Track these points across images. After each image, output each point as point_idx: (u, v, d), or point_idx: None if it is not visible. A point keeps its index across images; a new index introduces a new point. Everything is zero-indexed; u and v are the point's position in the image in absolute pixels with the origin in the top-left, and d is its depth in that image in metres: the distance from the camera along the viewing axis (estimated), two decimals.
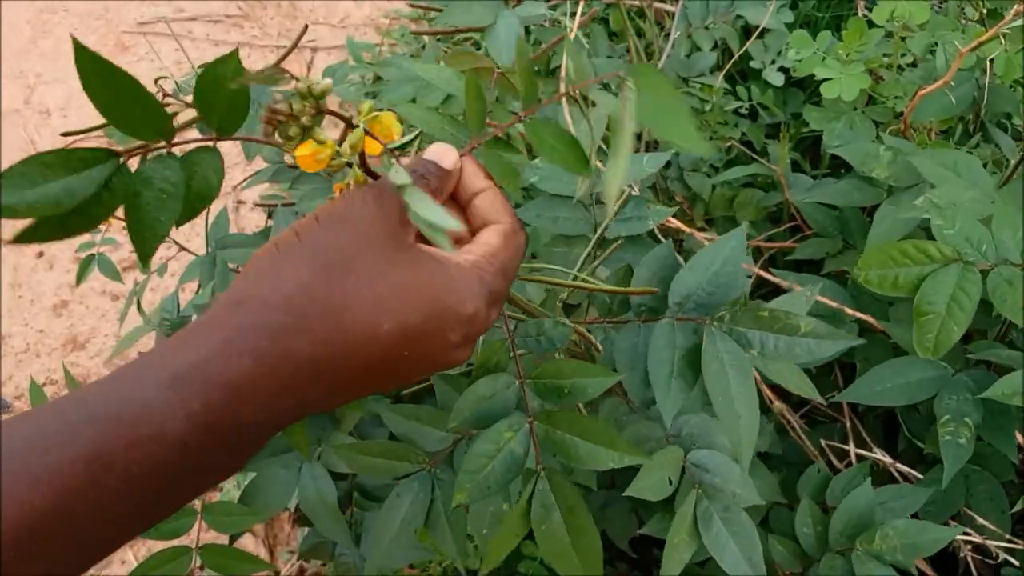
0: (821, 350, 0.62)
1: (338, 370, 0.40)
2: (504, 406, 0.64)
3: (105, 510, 0.35)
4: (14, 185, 0.38)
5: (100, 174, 0.40)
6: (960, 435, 0.81)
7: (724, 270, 0.66)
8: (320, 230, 0.42)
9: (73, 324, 1.90)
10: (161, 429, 0.36)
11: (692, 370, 0.64)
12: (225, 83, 0.40)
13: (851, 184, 1.06)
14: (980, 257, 0.75)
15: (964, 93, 1.03)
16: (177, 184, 0.42)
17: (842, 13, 1.68)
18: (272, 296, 0.39)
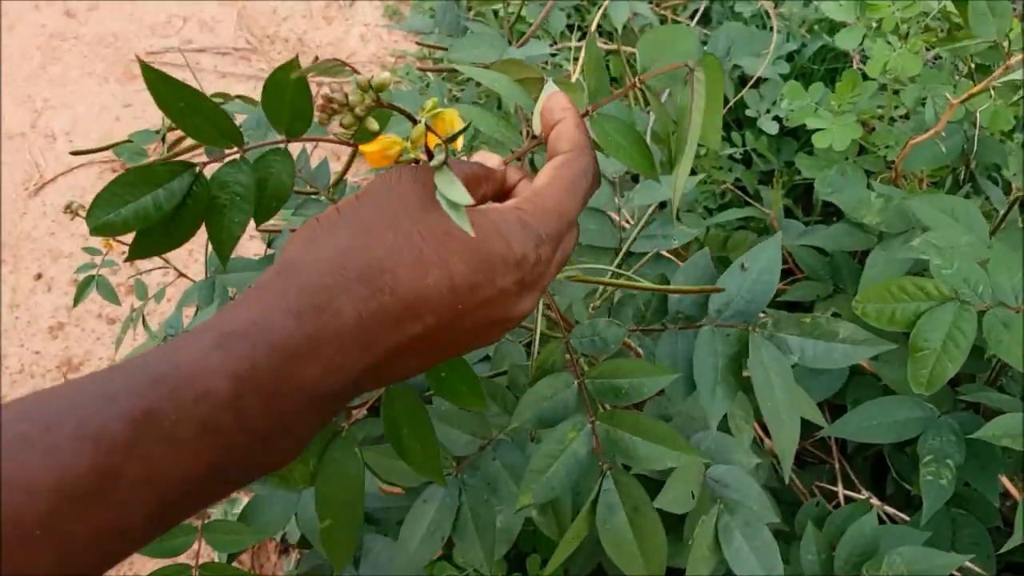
0: (857, 354, 0.65)
1: (389, 331, 0.39)
2: (564, 406, 0.65)
3: (152, 477, 0.33)
4: (107, 204, 0.41)
5: (181, 185, 0.43)
6: (942, 476, 0.82)
7: (762, 278, 0.69)
8: (358, 203, 0.42)
9: (69, 346, 1.90)
10: (207, 390, 0.34)
11: (734, 376, 0.66)
12: (288, 86, 0.43)
13: (842, 230, 1.08)
14: (977, 298, 0.77)
15: (954, 144, 1.06)
16: (248, 186, 0.45)
17: (837, 66, 1.72)
18: (313, 262, 0.39)
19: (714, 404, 0.65)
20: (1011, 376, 0.95)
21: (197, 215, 0.44)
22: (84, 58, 2.47)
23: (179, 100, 0.42)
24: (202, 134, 0.43)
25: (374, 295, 0.39)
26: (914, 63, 1.04)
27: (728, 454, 0.77)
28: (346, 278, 0.39)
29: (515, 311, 0.44)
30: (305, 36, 2.50)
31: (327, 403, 0.39)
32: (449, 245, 0.40)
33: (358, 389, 0.40)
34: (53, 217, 2.12)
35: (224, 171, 0.44)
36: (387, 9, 2.52)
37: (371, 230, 0.40)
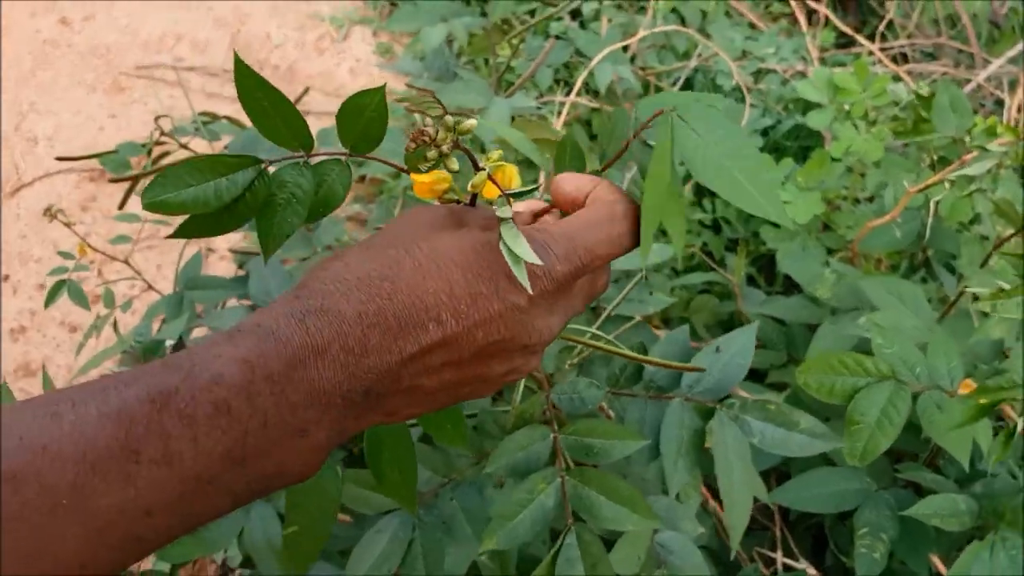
0: (813, 447, 0.68)
1: (392, 335, 0.40)
2: (538, 457, 0.67)
3: (170, 456, 0.34)
4: (168, 184, 0.42)
5: (245, 178, 0.45)
6: (875, 549, 0.84)
7: (734, 360, 0.72)
8: (371, 235, 0.44)
9: (28, 351, 1.89)
10: (220, 374, 0.36)
11: (696, 450, 0.69)
12: (367, 111, 0.45)
13: (799, 302, 1.12)
14: (914, 379, 0.80)
15: (910, 230, 1.10)
16: (308, 191, 0.47)
17: (810, 144, 1.78)
18: (319, 277, 0.41)
19: (675, 474, 0.69)
20: (948, 458, 0.98)
21: (252, 209, 0.46)
22: (75, 67, 2.48)
23: (264, 99, 0.44)
24: (276, 134, 0.45)
25: (373, 299, 0.40)
26: (877, 148, 1.08)
27: (676, 520, 0.80)
28: (347, 284, 0.40)
29: (534, 331, 0.43)
30: (296, 65, 2.53)
31: (339, 405, 0.39)
32: (449, 256, 0.41)
33: (372, 398, 0.41)
34: (26, 220, 2.12)
35: (286, 171, 0.46)
36: (379, 47, 2.56)
37: (374, 248, 0.42)
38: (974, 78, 1.87)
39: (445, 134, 0.42)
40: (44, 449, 0.32)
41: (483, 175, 0.45)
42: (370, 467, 0.57)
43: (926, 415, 0.76)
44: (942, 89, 0.96)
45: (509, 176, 0.47)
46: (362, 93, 0.45)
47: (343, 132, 0.46)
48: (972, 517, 0.83)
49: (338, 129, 0.46)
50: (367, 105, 0.45)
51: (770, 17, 2.35)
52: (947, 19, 2.27)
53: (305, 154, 0.47)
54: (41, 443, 0.32)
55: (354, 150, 0.47)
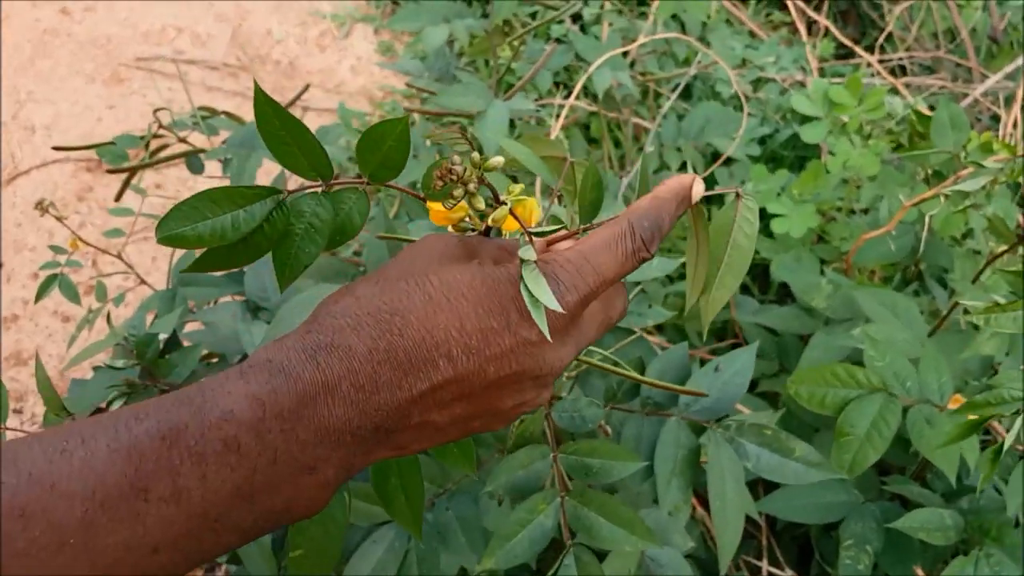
0: (808, 476, 0.68)
1: (402, 371, 0.40)
2: (538, 477, 0.67)
3: (179, 493, 0.34)
4: (185, 217, 0.42)
5: (262, 209, 0.44)
6: (860, 560, 0.85)
7: (733, 380, 0.73)
8: (382, 266, 0.44)
9: (20, 340, 1.88)
10: (230, 411, 0.36)
11: (691, 470, 0.69)
12: (388, 140, 0.44)
13: (792, 312, 1.13)
14: (904, 392, 0.80)
15: (904, 243, 1.11)
16: (326, 221, 0.46)
17: (807, 155, 1.79)
18: (331, 311, 0.41)
19: (669, 493, 0.69)
20: (935, 472, 0.98)
21: (270, 240, 0.45)
22: (74, 56, 2.48)
23: (281, 128, 0.43)
24: (294, 163, 0.45)
25: (383, 335, 0.40)
26: (873, 163, 1.09)
27: (667, 535, 0.80)
28: (359, 320, 0.40)
29: (545, 364, 0.43)
30: (297, 61, 2.53)
31: (348, 443, 0.39)
32: (459, 289, 0.41)
33: (382, 435, 0.40)
34: (22, 209, 2.11)
35: (304, 201, 0.46)
36: (381, 45, 2.56)
37: (386, 281, 0.42)
38: (971, 93, 1.87)
39: (472, 171, 0.42)
40: (53, 487, 0.32)
41: (504, 210, 0.44)
42: (376, 492, 0.56)
43: (915, 429, 0.77)
44: (942, 106, 0.97)
45: (530, 210, 0.46)
46: (384, 123, 0.44)
47: (363, 160, 0.46)
48: (958, 532, 0.83)
49: (358, 157, 0.45)
50: (388, 134, 0.44)
51: (770, 26, 2.36)
52: (946, 33, 2.28)
53: (324, 184, 0.46)
54: (50, 480, 0.33)
55: (373, 178, 0.46)
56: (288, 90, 2.43)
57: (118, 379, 0.70)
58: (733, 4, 2.17)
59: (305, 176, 0.46)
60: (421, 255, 0.44)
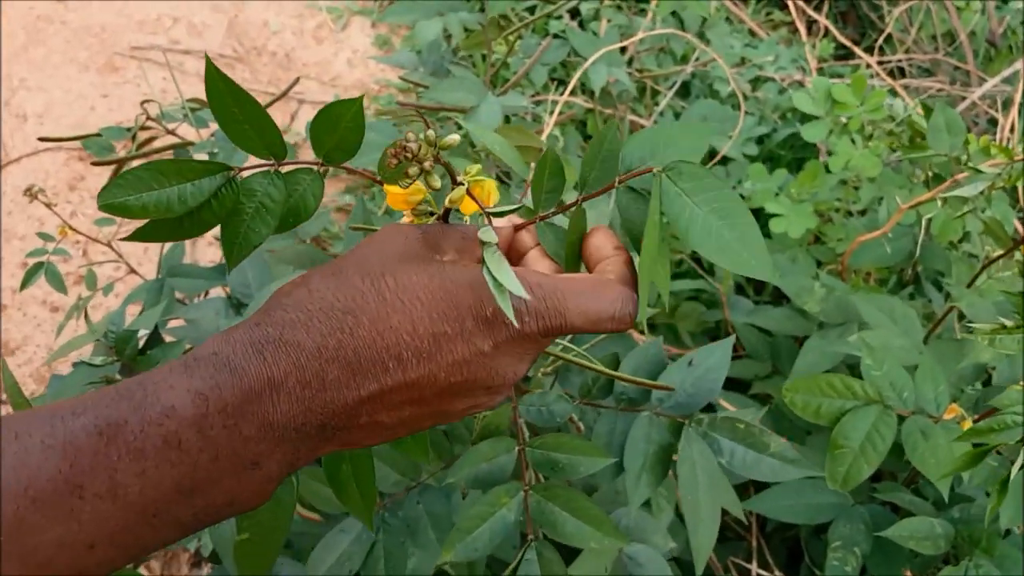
0: (784, 472, 0.67)
1: (351, 371, 0.39)
2: (502, 470, 0.66)
3: (116, 489, 0.33)
4: (129, 186, 0.41)
5: (211, 184, 0.43)
6: (847, 563, 0.84)
7: (708, 376, 0.71)
8: (339, 257, 0.43)
9: (8, 330, 1.87)
10: (172, 406, 0.35)
11: (662, 466, 0.68)
12: (342, 122, 0.43)
13: (786, 314, 1.12)
14: (900, 403, 0.79)
15: (901, 246, 1.10)
16: (278, 200, 0.45)
17: (804, 156, 1.78)
18: (283, 304, 0.40)
19: (638, 490, 0.67)
20: (926, 479, 0.98)
21: (218, 217, 0.44)
22: (68, 44, 2.46)
23: (234, 105, 0.42)
24: (246, 142, 0.44)
25: (333, 333, 0.39)
26: (874, 164, 1.08)
27: (646, 533, 0.79)
28: (309, 315, 0.39)
29: (498, 376, 0.42)
30: (293, 53, 2.51)
31: (293, 439, 0.38)
32: (415, 292, 0.40)
33: (328, 432, 0.40)
34: (12, 197, 2.10)
35: (256, 180, 0.45)
36: (377, 38, 2.55)
37: (342, 275, 0.41)
38: (969, 96, 1.86)
39: (427, 149, 0.41)
40: None
41: (461, 190, 0.44)
42: (328, 481, 0.55)
43: (910, 441, 0.76)
44: (938, 110, 0.96)
45: (488, 191, 0.45)
46: (338, 103, 0.43)
47: (317, 141, 0.45)
48: (947, 541, 0.82)
49: (312, 138, 0.45)
50: (343, 115, 0.43)
51: (770, 25, 2.35)
52: (945, 36, 2.27)
53: (276, 162, 0.45)
54: None
55: (328, 160, 0.46)
56: (284, 82, 2.42)
57: (96, 376, 0.69)
58: (733, 2, 2.16)
59: (258, 155, 0.45)
60: (380, 250, 0.42)
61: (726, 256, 0.41)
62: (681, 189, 0.42)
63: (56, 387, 0.76)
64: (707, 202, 0.42)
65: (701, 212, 0.42)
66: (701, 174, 0.42)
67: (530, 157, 1.00)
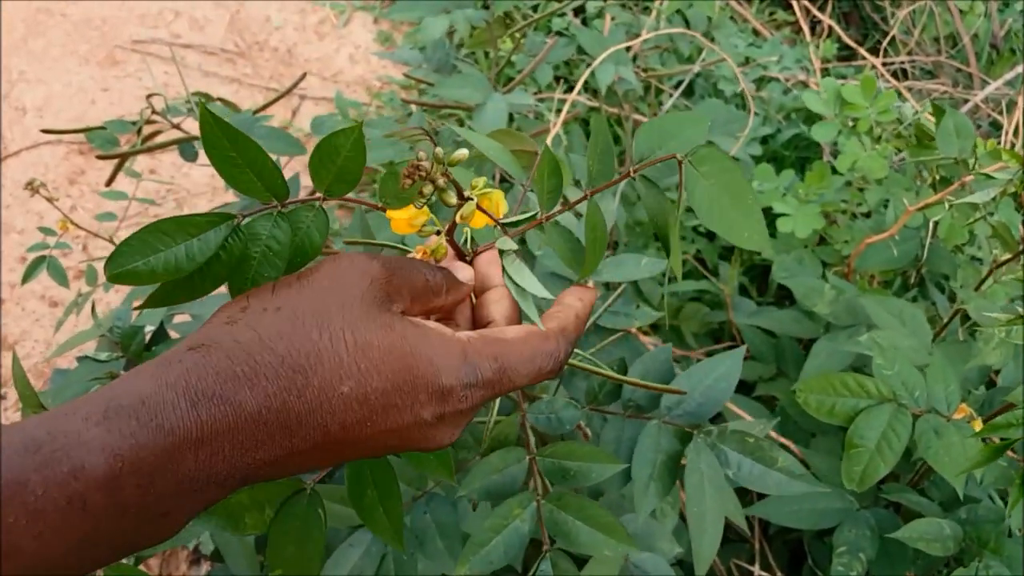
0: (790, 487, 0.66)
1: (289, 432, 0.37)
2: (513, 480, 0.65)
3: (10, 551, 0.31)
4: (135, 252, 0.39)
5: (217, 236, 0.42)
6: (852, 568, 0.84)
7: (717, 385, 0.70)
8: (296, 287, 0.40)
9: (6, 324, 1.86)
10: (82, 465, 0.32)
11: (670, 475, 0.67)
12: (342, 152, 0.42)
13: (792, 315, 1.11)
14: (912, 402, 0.79)
15: (908, 249, 1.09)
16: (285, 243, 0.44)
17: (808, 155, 1.77)
18: (230, 344, 0.37)
19: (646, 499, 0.67)
20: (932, 481, 0.97)
21: (228, 267, 0.43)
22: (68, 37, 2.45)
23: (231, 148, 0.41)
24: (246, 185, 0.42)
25: (280, 393, 0.37)
26: (881, 166, 1.07)
27: (652, 540, 0.78)
28: (256, 371, 0.37)
29: (428, 443, 0.41)
30: (295, 48, 2.50)
31: (210, 490, 0.37)
32: (372, 358, 0.38)
33: (247, 481, 0.38)
34: (11, 190, 2.09)
35: (260, 224, 0.43)
36: (380, 34, 2.54)
37: (297, 321, 0.38)
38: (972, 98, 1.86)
39: (437, 166, 0.40)
40: None
41: (471, 205, 0.43)
42: (353, 505, 0.55)
43: (923, 439, 0.75)
44: (948, 114, 0.95)
45: (496, 203, 0.45)
46: (337, 134, 0.42)
47: (317, 175, 0.43)
48: (956, 542, 0.82)
49: (311, 172, 0.43)
50: (342, 145, 0.42)
51: (773, 25, 2.34)
52: (948, 38, 2.27)
53: (279, 204, 0.44)
54: None
55: (329, 193, 0.44)
56: (285, 77, 2.41)
57: (101, 372, 0.68)
58: (737, 1, 2.16)
59: (261, 198, 0.43)
60: (341, 294, 0.40)
61: (732, 231, 0.46)
62: (701, 172, 0.46)
63: (59, 382, 0.76)
64: (721, 183, 0.46)
65: (716, 192, 0.46)
66: (719, 157, 0.46)
67: (524, 161, 1.00)
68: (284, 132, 1.01)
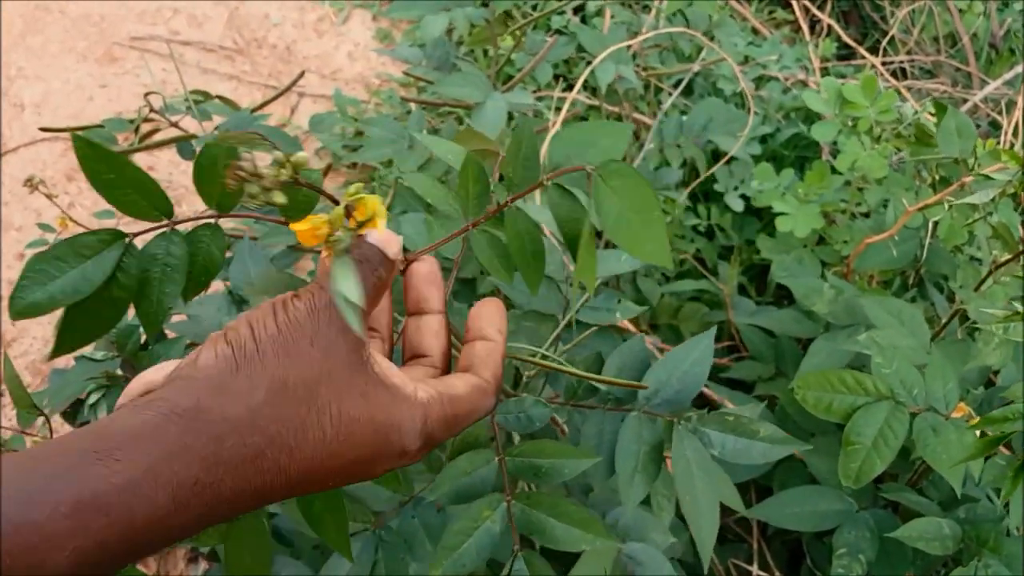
0: (774, 453, 0.66)
1: (263, 500, 0.38)
2: (483, 482, 0.65)
3: None
4: (33, 283, 0.39)
5: (111, 256, 0.42)
6: (852, 569, 0.84)
7: (692, 370, 0.70)
8: (281, 347, 0.39)
9: (4, 321, 1.86)
10: (42, 563, 0.31)
11: (654, 464, 0.67)
12: (221, 163, 0.42)
13: (791, 315, 1.11)
14: (911, 400, 0.79)
15: (907, 249, 1.09)
16: (181, 258, 0.44)
17: (807, 155, 1.77)
18: (219, 421, 0.36)
19: (632, 490, 0.67)
20: (931, 480, 0.97)
21: (128, 289, 0.42)
22: (66, 33, 2.44)
23: (108, 170, 0.41)
24: (131, 207, 0.42)
25: (260, 475, 0.37)
26: (881, 166, 1.07)
27: (645, 531, 0.78)
28: (243, 456, 0.37)
29: (375, 475, 0.43)
30: (294, 46, 2.50)
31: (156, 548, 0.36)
32: (354, 432, 0.40)
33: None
34: (9, 187, 2.08)
35: (155, 244, 0.44)
36: (379, 32, 2.53)
37: (288, 395, 0.38)
38: (971, 98, 1.86)
39: (277, 170, 0.39)
40: None
41: (339, 210, 0.42)
42: (303, 516, 0.55)
43: (921, 437, 0.75)
44: (949, 114, 0.95)
45: (371, 208, 0.44)
46: (211, 146, 0.42)
47: (203, 191, 0.43)
48: (955, 542, 0.82)
49: (197, 189, 0.43)
50: (217, 156, 0.42)
51: (773, 23, 2.34)
52: (947, 37, 2.27)
53: (168, 222, 0.44)
54: None
55: (220, 209, 0.44)
56: (284, 75, 2.40)
57: (98, 371, 0.68)
58: (736, 0, 2.16)
59: (146, 217, 0.43)
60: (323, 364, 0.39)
61: (635, 245, 0.46)
62: (610, 186, 0.46)
63: (57, 382, 0.76)
64: (629, 198, 0.46)
65: (622, 206, 0.46)
66: (628, 172, 0.46)
67: (491, 160, 0.99)
68: (282, 131, 1.01)
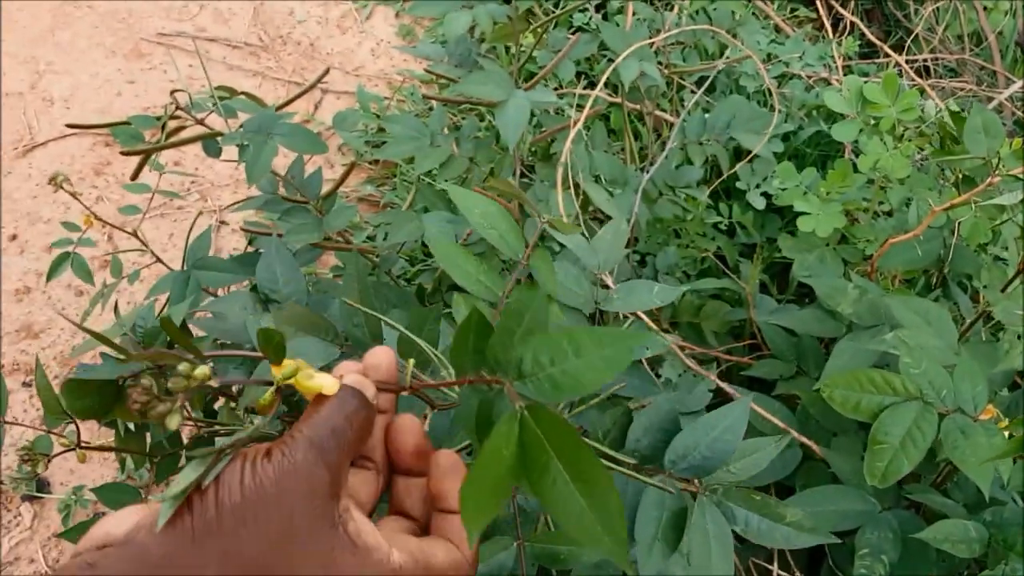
0: (800, 539, 0.64)
1: None
2: (501, 568, 0.64)
3: None
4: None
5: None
6: (874, 570, 0.83)
7: (723, 437, 0.67)
8: (241, 517, 0.38)
9: (32, 312, 1.88)
10: None
11: (675, 532, 0.65)
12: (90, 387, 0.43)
13: (813, 314, 1.11)
14: (939, 401, 0.78)
15: (931, 249, 1.09)
16: None
17: (829, 153, 1.76)
18: None
19: (649, 561, 0.64)
20: (956, 482, 0.97)
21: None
22: (95, 29, 2.47)
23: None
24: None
25: None
26: (903, 165, 1.07)
27: None
28: None
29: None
30: (317, 42, 2.51)
31: None
32: None
33: None
34: (38, 180, 2.11)
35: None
36: (401, 28, 2.54)
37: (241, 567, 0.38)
38: (996, 96, 1.85)
39: (185, 383, 0.39)
40: None
41: (270, 394, 0.42)
42: None
43: (949, 439, 0.75)
44: (976, 111, 0.94)
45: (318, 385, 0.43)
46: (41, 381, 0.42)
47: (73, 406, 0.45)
48: (982, 544, 0.81)
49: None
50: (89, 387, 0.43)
51: (795, 21, 2.33)
52: (972, 35, 2.25)
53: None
54: None
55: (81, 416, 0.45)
56: (308, 71, 2.42)
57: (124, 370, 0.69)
58: None
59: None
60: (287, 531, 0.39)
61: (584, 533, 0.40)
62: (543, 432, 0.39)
63: None
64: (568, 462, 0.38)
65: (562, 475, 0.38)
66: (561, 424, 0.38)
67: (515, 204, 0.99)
68: (306, 129, 1.01)
